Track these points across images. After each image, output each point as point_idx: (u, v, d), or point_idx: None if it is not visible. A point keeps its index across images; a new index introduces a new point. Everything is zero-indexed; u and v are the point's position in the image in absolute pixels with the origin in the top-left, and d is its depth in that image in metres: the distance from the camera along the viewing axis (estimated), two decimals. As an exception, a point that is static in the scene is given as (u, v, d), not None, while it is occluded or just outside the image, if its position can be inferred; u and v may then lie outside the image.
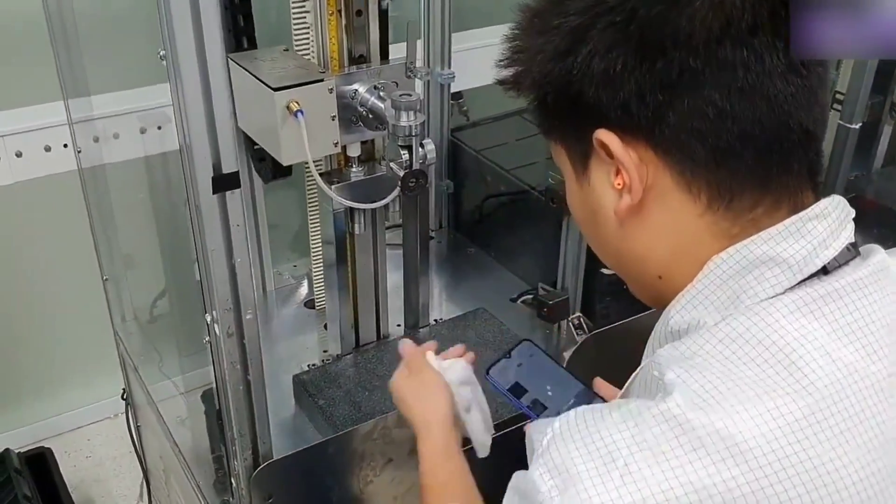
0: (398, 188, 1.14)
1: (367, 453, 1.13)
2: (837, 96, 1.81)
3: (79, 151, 1.54)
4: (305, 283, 1.64)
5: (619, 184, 0.65)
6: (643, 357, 0.69)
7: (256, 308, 1.49)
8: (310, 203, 1.42)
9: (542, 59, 0.65)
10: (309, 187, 1.40)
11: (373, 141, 1.26)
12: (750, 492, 0.54)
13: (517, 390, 0.87)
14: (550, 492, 0.57)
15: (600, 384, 0.91)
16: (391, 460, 1.15)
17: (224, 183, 0.86)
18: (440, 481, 0.90)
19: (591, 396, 0.87)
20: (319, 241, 1.43)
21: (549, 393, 0.86)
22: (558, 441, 0.59)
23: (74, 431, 2.21)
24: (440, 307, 1.56)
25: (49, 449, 1.85)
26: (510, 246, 1.67)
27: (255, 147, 1.23)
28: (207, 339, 1.00)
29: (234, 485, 1.11)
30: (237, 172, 0.87)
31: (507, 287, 1.60)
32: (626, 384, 0.69)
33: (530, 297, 1.54)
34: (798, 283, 0.62)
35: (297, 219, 1.52)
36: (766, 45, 0.60)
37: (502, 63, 0.70)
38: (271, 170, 1.25)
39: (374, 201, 1.29)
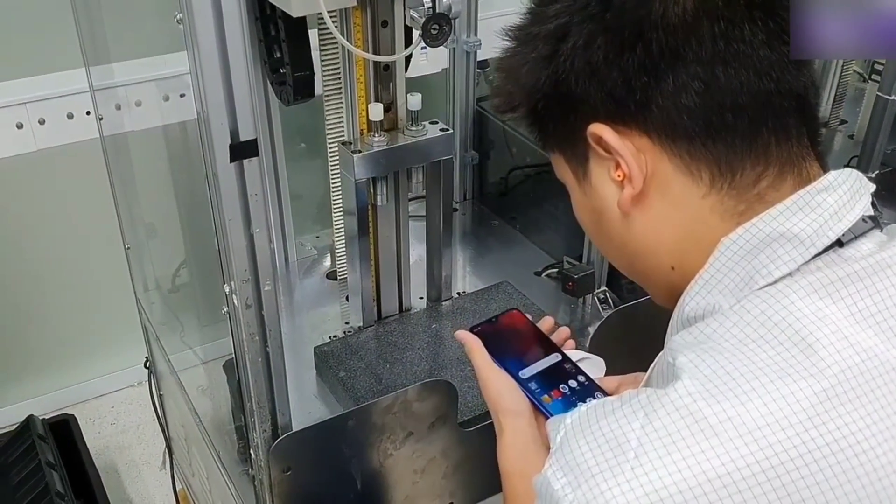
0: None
1: (388, 426, 1.12)
2: (877, 66, 1.76)
3: (100, 119, 1.53)
4: (328, 254, 1.63)
5: (619, 175, 0.65)
6: (664, 346, 0.67)
7: (278, 279, 1.48)
8: (332, 173, 1.40)
9: (528, 69, 0.67)
10: (331, 156, 1.38)
11: (395, 109, 1.24)
12: (766, 480, 0.52)
13: (496, 350, 0.87)
14: (564, 489, 0.56)
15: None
16: (411, 434, 1.14)
17: (242, 151, 0.84)
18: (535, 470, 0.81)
19: (571, 366, 0.86)
20: (341, 212, 1.41)
21: (523, 357, 0.86)
22: (570, 437, 0.59)
23: (99, 399, 2.23)
24: (464, 280, 1.55)
25: (73, 416, 1.86)
26: (535, 218, 1.65)
27: (275, 73, 1.20)
28: (226, 309, 0.98)
29: (252, 456, 1.10)
30: (255, 140, 0.84)
31: (532, 260, 1.58)
32: (646, 376, 0.68)
33: (555, 270, 1.52)
34: (813, 258, 0.60)
35: (320, 189, 1.51)
36: (744, 17, 0.60)
37: (496, 91, 0.72)
38: (293, 91, 1.22)
39: (397, 172, 1.27)
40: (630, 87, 0.62)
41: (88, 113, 1.73)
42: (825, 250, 0.61)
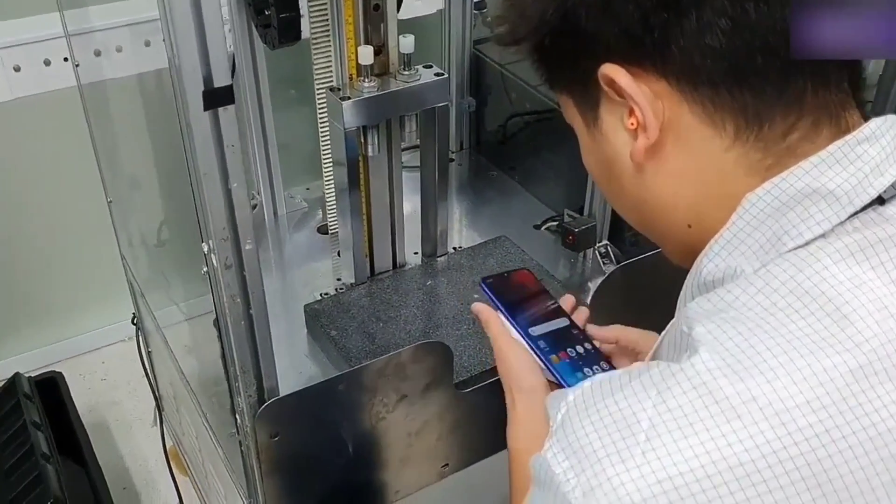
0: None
1: (380, 390, 1.07)
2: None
3: (77, 65, 1.46)
4: (319, 207, 1.56)
5: (632, 123, 0.58)
6: (676, 313, 0.61)
7: (262, 237, 1.42)
8: (321, 121, 1.33)
9: (535, 0, 0.60)
10: (320, 105, 1.31)
11: (387, 52, 1.16)
12: (794, 468, 0.46)
13: (507, 304, 0.86)
14: (566, 474, 0.50)
15: (593, 330, 0.87)
16: (405, 396, 1.09)
17: (216, 98, 0.77)
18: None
19: (579, 332, 0.85)
20: (331, 162, 1.35)
21: (533, 316, 0.85)
22: (572, 415, 0.53)
23: (89, 354, 2.18)
24: (460, 234, 1.49)
25: (60, 373, 1.82)
26: (535, 169, 1.58)
27: (260, 14, 1.12)
28: (205, 269, 0.93)
29: (238, 421, 1.05)
30: (230, 86, 0.78)
31: (531, 213, 1.52)
32: (655, 346, 0.62)
33: (555, 223, 1.46)
34: (850, 218, 0.54)
35: (310, 139, 1.44)
36: None
37: (498, 21, 0.65)
38: (278, 34, 1.14)
39: (390, 120, 1.21)
40: (647, 24, 0.55)
41: (66, 59, 1.65)
42: (863, 209, 0.54)
